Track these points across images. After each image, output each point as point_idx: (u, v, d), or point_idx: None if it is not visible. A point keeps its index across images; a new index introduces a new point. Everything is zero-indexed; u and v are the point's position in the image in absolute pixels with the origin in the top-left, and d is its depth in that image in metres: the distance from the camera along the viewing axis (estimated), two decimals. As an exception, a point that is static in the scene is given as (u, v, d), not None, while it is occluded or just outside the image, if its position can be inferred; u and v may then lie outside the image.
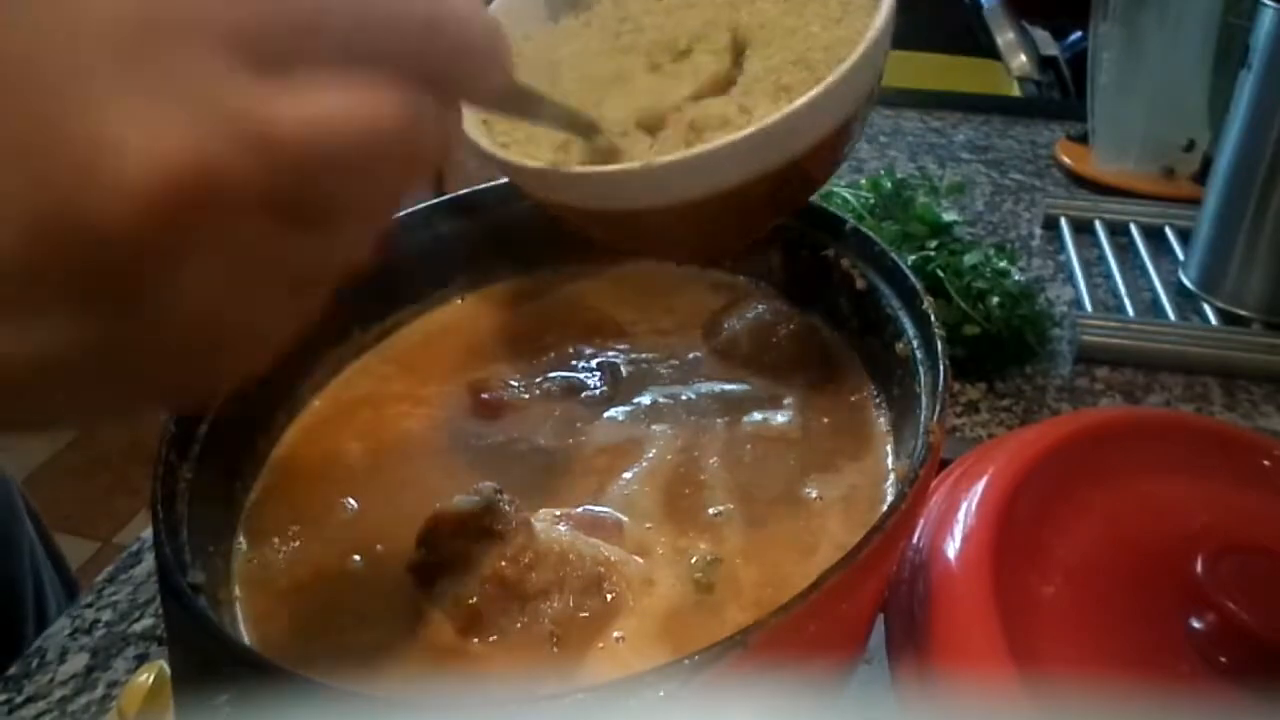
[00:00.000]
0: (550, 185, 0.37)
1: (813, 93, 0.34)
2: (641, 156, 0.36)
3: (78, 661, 0.54)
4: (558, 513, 0.40)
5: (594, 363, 0.49)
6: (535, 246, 0.53)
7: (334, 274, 0.25)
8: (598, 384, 0.48)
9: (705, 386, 0.48)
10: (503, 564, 0.36)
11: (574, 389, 0.48)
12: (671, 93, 0.38)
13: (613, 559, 0.38)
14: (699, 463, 0.43)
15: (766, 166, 0.35)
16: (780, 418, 0.45)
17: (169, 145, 0.18)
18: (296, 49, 0.21)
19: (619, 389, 0.48)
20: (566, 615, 0.36)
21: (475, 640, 0.35)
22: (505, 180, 0.44)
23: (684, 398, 0.47)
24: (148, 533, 0.57)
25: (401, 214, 0.51)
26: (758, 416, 0.46)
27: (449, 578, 0.36)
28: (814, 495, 0.41)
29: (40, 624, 0.75)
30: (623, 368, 0.49)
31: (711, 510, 0.41)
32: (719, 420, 0.45)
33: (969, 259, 0.75)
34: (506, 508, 0.38)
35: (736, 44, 0.38)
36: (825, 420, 0.45)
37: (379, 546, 0.40)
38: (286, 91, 0.20)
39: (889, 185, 0.85)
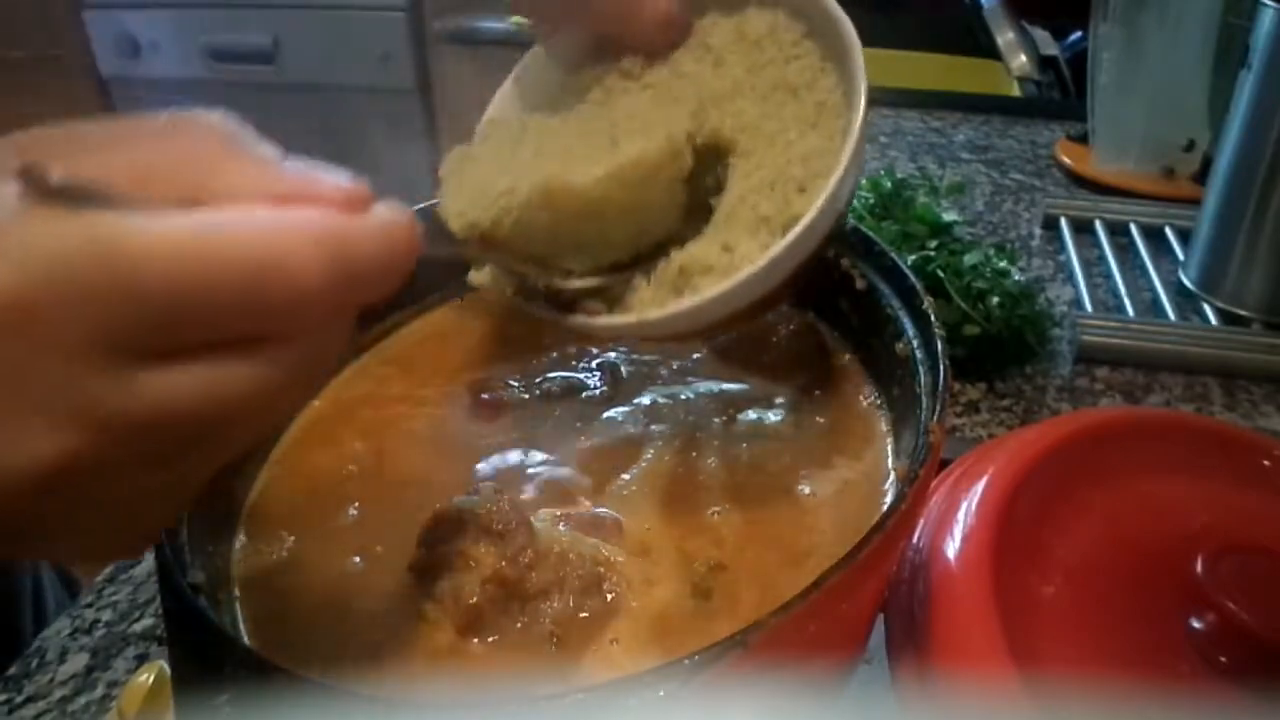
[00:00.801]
0: (549, 320, 0.40)
1: (792, 234, 0.35)
2: (627, 297, 0.38)
3: (78, 661, 0.54)
4: (558, 513, 0.40)
5: (594, 363, 0.49)
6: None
7: (206, 477, 0.27)
8: (597, 384, 0.48)
9: (705, 386, 0.48)
10: (503, 564, 0.36)
11: (574, 389, 0.48)
12: (649, 235, 0.39)
13: (613, 559, 0.38)
14: (698, 463, 0.43)
15: (753, 296, 0.36)
16: (779, 418, 0.46)
17: (33, 449, 0.22)
18: (154, 342, 0.23)
19: (619, 389, 0.48)
20: (567, 615, 0.36)
21: (475, 640, 0.35)
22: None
23: (683, 398, 0.47)
24: (148, 533, 0.57)
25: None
26: (756, 416, 0.46)
27: (449, 577, 0.36)
28: (813, 495, 0.41)
29: (39, 621, 0.75)
30: (622, 368, 0.49)
31: (710, 510, 0.41)
32: (718, 420, 0.45)
33: (969, 259, 0.75)
34: (507, 508, 0.38)
35: (719, 148, 0.39)
36: (825, 420, 0.45)
37: (379, 546, 0.40)
38: (138, 380, 0.23)
39: (889, 185, 0.85)
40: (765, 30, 0.39)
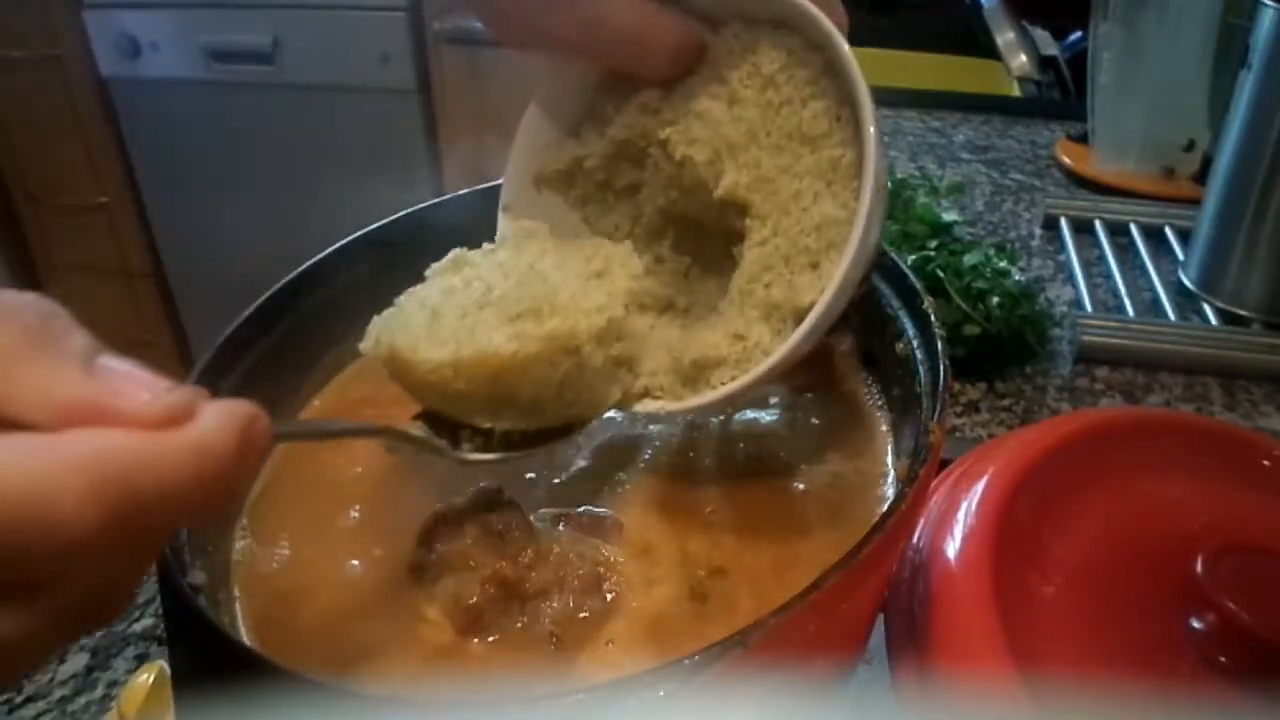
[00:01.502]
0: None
1: (804, 327, 0.35)
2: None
3: (78, 661, 0.54)
4: (557, 513, 0.40)
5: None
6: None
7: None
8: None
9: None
10: (503, 564, 0.36)
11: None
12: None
13: (613, 560, 0.38)
14: (696, 463, 0.43)
15: (769, 381, 0.37)
16: (779, 418, 0.46)
17: None
18: None
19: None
20: (566, 615, 0.36)
21: (475, 640, 0.35)
22: (504, 180, 0.45)
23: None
24: (148, 533, 0.57)
25: (400, 215, 0.51)
26: (755, 417, 0.46)
27: (449, 577, 0.36)
28: (813, 495, 0.41)
29: None
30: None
31: (709, 509, 0.41)
32: (716, 420, 0.45)
33: (969, 259, 0.75)
34: (506, 508, 0.38)
35: (736, 206, 0.39)
36: (824, 420, 0.45)
37: (378, 548, 0.40)
38: None
39: (889, 185, 0.85)
40: (780, 65, 0.38)
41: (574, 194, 0.45)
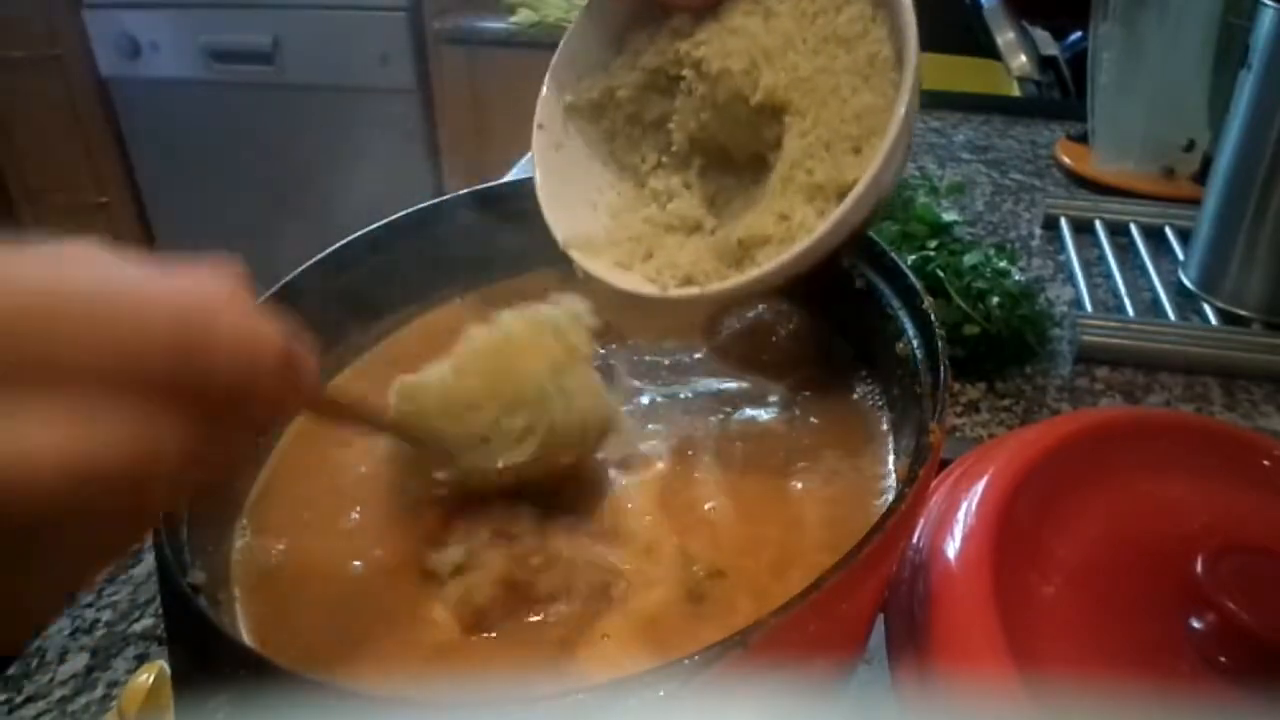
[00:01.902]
0: (651, 304, 0.42)
1: (843, 206, 0.36)
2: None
3: (78, 661, 0.54)
4: (566, 517, 0.40)
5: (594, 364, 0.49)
6: (534, 246, 0.53)
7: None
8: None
9: (703, 386, 0.47)
10: (513, 566, 0.36)
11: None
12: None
13: (620, 565, 0.38)
14: (695, 462, 0.43)
15: (813, 261, 0.38)
16: (778, 417, 0.45)
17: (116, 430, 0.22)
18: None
19: (617, 389, 0.48)
20: (574, 619, 0.36)
21: (479, 636, 0.35)
22: (505, 180, 0.45)
23: (682, 397, 0.47)
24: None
25: (399, 215, 0.51)
26: (755, 416, 0.46)
27: (459, 577, 0.36)
28: (813, 495, 0.41)
29: None
30: (622, 368, 0.49)
31: (707, 507, 0.41)
32: (716, 420, 0.45)
33: (969, 259, 0.75)
34: (518, 510, 0.38)
35: (774, 107, 0.40)
36: (824, 420, 0.45)
37: (379, 546, 0.40)
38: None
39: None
40: None
41: (603, 125, 0.46)
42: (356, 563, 0.39)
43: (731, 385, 0.47)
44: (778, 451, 0.44)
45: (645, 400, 0.47)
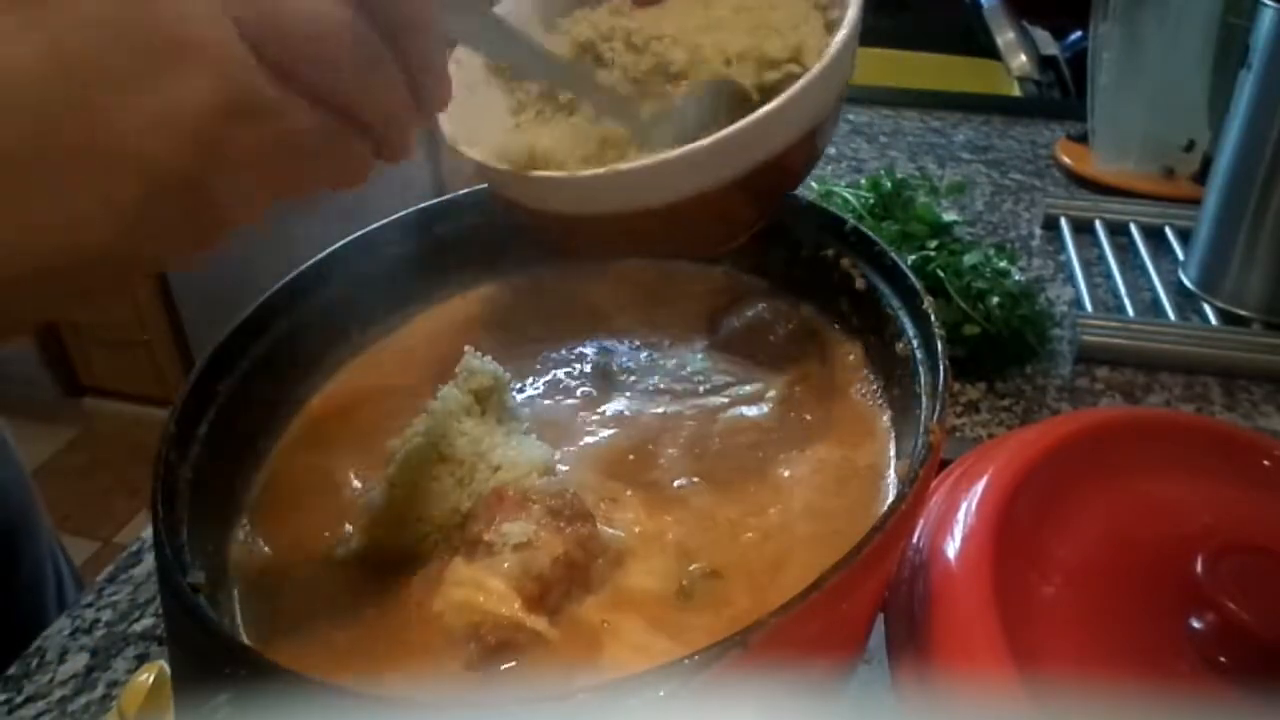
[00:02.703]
0: (518, 189, 0.39)
1: (781, 98, 0.36)
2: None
3: (78, 661, 0.54)
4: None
5: (593, 360, 0.49)
6: (534, 245, 0.53)
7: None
8: (598, 382, 0.48)
9: (700, 384, 0.48)
10: (574, 547, 0.37)
11: (574, 387, 0.48)
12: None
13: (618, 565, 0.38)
14: (695, 462, 0.43)
15: (736, 170, 0.36)
16: (778, 416, 0.45)
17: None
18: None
19: (619, 386, 0.48)
20: (612, 605, 0.37)
21: (536, 617, 0.36)
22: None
23: (681, 395, 0.47)
24: (148, 533, 0.57)
25: (400, 216, 0.51)
26: (755, 414, 0.46)
27: (515, 553, 0.36)
28: (812, 495, 0.41)
29: (61, 604, 0.77)
30: (623, 365, 0.49)
31: (705, 503, 0.41)
32: (717, 419, 0.45)
33: (969, 259, 0.75)
34: (571, 497, 0.38)
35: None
36: (824, 419, 0.45)
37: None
38: None
39: (889, 185, 0.85)
40: None
41: (517, 96, 0.46)
42: (356, 563, 0.39)
43: (731, 384, 0.47)
44: (776, 450, 0.44)
45: (647, 398, 0.47)
